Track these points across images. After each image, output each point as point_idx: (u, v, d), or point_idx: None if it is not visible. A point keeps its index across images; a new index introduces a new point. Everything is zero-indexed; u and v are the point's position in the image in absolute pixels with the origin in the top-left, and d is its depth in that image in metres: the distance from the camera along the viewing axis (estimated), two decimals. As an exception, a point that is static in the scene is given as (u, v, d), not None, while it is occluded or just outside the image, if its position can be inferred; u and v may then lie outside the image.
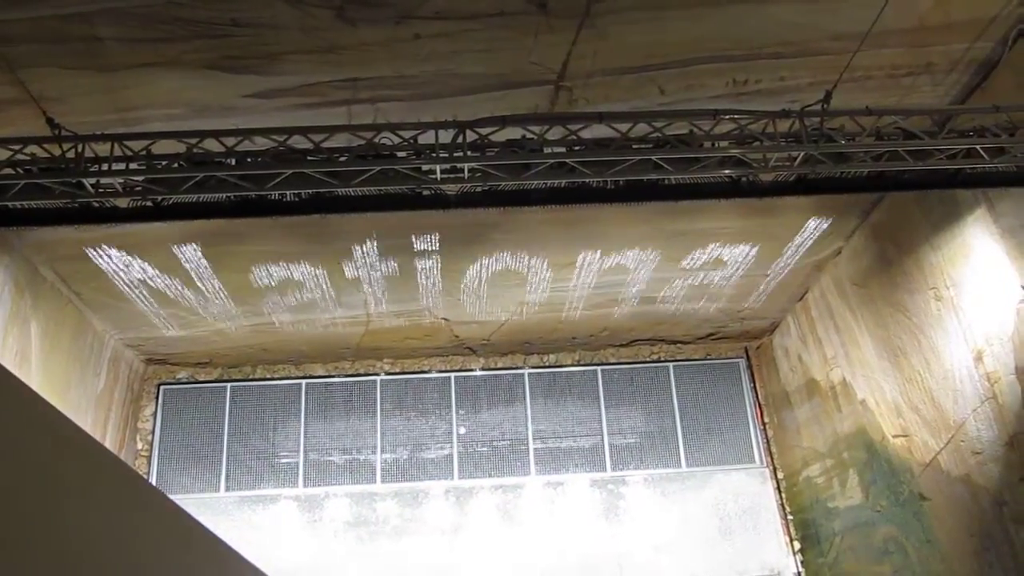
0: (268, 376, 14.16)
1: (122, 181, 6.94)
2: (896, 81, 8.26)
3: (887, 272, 10.25)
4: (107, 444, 12.17)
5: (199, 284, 11.11)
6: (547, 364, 14.48)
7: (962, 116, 7.68)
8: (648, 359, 14.57)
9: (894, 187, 8.10)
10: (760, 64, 7.95)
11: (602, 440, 13.94)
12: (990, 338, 8.38)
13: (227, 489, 13.35)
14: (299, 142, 6.97)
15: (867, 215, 10.51)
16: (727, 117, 7.29)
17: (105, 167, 6.81)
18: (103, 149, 6.85)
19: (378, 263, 10.96)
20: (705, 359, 14.67)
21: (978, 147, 7.26)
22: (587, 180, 7.30)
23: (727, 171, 7.34)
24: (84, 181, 6.83)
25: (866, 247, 10.77)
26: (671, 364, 14.52)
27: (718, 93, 8.20)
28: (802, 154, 7.17)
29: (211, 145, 6.93)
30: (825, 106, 7.22)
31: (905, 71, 8.17)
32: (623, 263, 11.44)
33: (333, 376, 14.21)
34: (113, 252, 10.15)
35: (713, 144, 7.29)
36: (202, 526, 3.67)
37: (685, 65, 7.91)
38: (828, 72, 7.72)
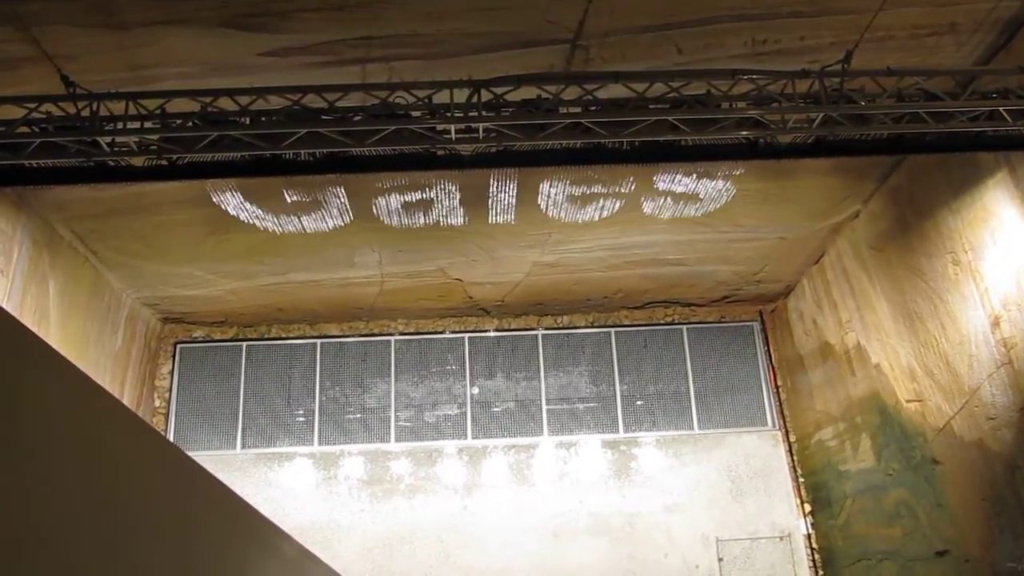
0: (283, 336, 14.27)
1: (137, 140, 6.95)
2: (919, 41, 8.10)
3: (905, 236, 10.15)
4: (125, 401, 12.33)
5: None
6: (561, 325, 14.50)
7: (985, 77, 7.54)
8: (662, 321, 14.57)
9: (914, 150, 8.01)
10: (780, 23, 7.81)
11: (615, 401, 14.00)
12: (1007, 303, 8.32)
13: (243, 447, 13.53)
14: (313, 101, 6.95)
15: (886, 178, 10.38)
16: (745, 77, 7.21)
17: (120, 125, 6.83)
18: (118, 107, 6.87)
19: (392, 221, 10.95)
20: (719, 322, 14.65)
21: (1001, 109, 7.15)
22: (603, 141, 7.25)
23: (744, 132, 7.27)
24: (99, 139, 6.85)
25: (884, 210, 10.65)
26: (685, 327, 14.51)
27: (737, 53, 8.07)
28: (821, 115, 7.09)
29: (225, 104, 6.92)
30: (845, 66, 7.12)
31: (928, 31, 8.01)
32: (637, 224, 11.37)
33: (348, 336, 14.30)
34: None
35: (731, 105, 7.21)
36: (220, 483, 3.72)
37: (703, 24, 7.78)
38: (849, 32, 7.59)
